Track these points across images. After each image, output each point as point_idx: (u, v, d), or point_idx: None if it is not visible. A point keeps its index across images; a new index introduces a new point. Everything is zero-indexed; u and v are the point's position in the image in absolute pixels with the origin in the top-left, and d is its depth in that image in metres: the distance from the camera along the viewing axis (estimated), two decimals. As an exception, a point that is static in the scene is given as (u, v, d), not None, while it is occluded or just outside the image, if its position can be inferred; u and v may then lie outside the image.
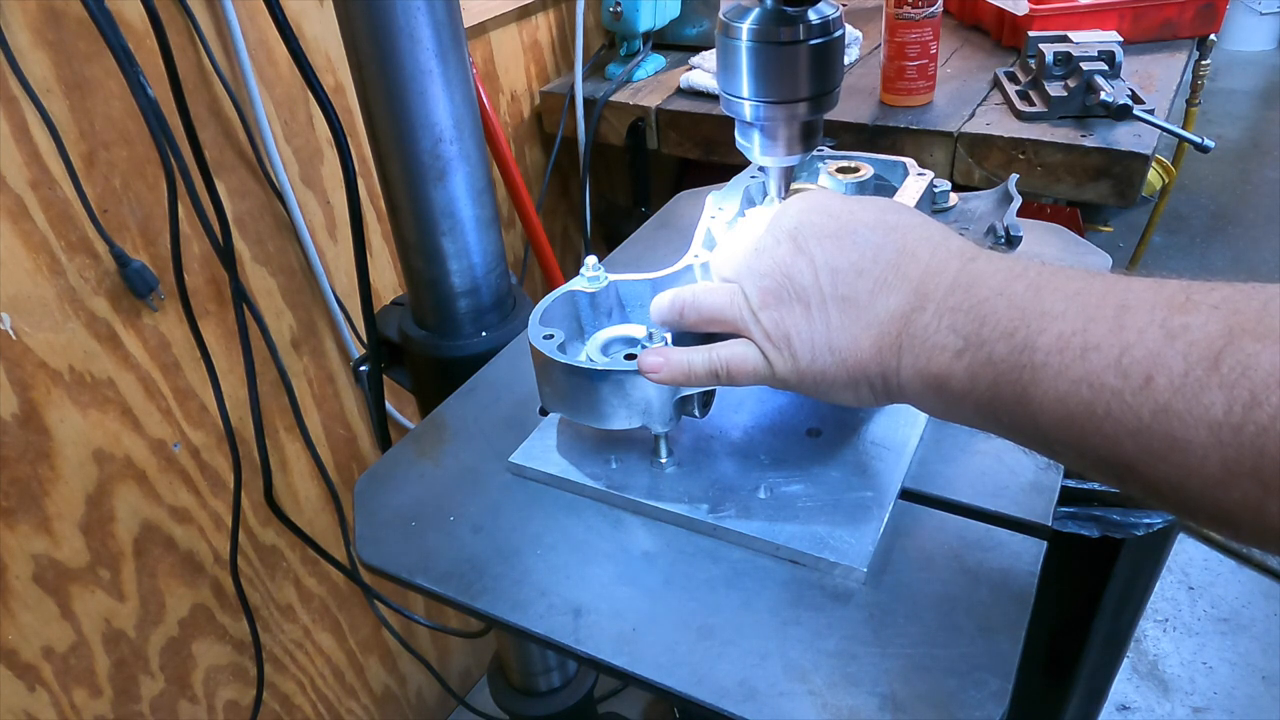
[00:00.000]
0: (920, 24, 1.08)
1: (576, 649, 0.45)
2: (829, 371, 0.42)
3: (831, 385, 0.43)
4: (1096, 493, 0.66)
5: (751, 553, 0.50)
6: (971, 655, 0.43)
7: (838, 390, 0.43)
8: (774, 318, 0.43)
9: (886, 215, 0.44)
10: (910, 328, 0.40)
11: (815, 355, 0.42)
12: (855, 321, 0.41)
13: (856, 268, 0.42)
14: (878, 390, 0.42)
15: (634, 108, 1.30)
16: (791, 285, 0.43)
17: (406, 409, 1.26)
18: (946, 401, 0.39)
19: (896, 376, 0.40)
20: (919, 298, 0.40)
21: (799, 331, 0.43)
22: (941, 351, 0.38)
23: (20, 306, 0.81)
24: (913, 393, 0.41)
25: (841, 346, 0.42)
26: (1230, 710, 1.47)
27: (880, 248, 0.42)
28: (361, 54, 0.68)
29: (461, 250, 0.76)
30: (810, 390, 0.44)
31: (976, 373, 0.37)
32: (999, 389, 0.36)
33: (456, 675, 1.56)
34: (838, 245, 0.43)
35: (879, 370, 0.41)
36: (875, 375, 0.41)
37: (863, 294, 0.41)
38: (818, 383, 0.43)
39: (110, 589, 0.96)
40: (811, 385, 0.43)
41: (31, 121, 0.78)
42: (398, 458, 0.60)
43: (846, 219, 0.44)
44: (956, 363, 0.38)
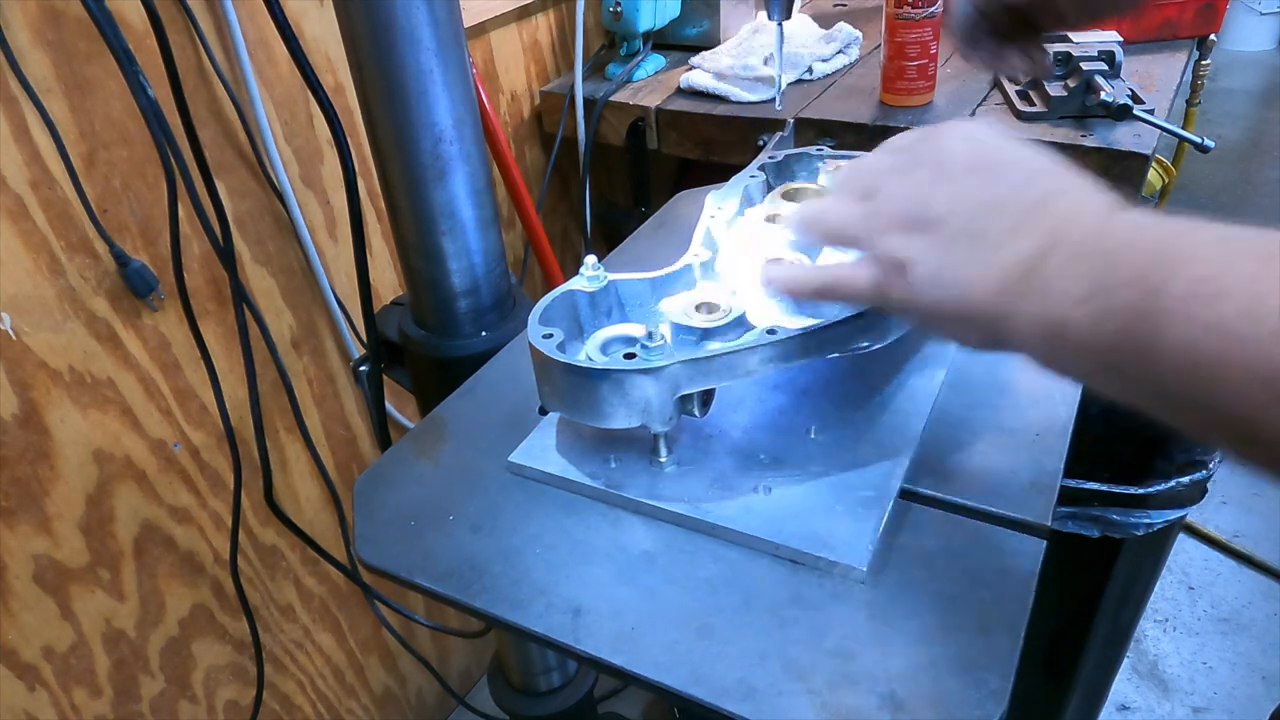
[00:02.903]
0: (920, 24, 1.08)
1: (576, 648, 0.45)
2: (942, 307, 0.41)
3: (940, 320, 0.42)
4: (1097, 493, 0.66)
5: (751, 552, 0.50)
6: (971, 655, 0.43)
7: (945, 326, 0.42)
8: (898, 243, 0.42)
9: (1037, 159, 0.42)
10: (1036, 272, 0.38)
11: (932, 288, 0.41)
12: (980, 260, 0.40)
13: (995, 204, 0.40)
14: (984, 334, 0.41)
15: (634, 108, 1.30)
16: (924, 213, 0.42)
17: (406, 409, 1.26)
18: (1059, 351, 0.38)
19: (1011, 321, 0.39)
20: (1050, 242, 0.38)
21: (922, 261, 0.41)
22: (1064, 298, 0.36)
23: (20, 306, 0.81)
24: (1023, 340, 0.39)
25: (961, 283, 0.40)
26: (1230, 710, 1.47)
27: (1023, 188, 0.40)
28: (361, 54, 0.68)
29: (461, 250, 0.76)
30: (917, 320, 0.43)
31: (1100, 321, 0.35)
32: (1122, 338, 0.34)
33: (456, 675, 1.56)
34: (981, 179, 0.41)
35: (994, 314, 0.39)
36: (989, 318, 0.40)
37: (995, 232, 0.40)
38: (927, 315, 0.42)
39: (110, 589, 0.96)
40: (919, 315, 0.43)
41: (31, 121, 0.78)
42: (397, 457, 0.61)
43: (995, 154, 0.42)
44: (1078, 310, 0.36)
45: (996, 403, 0.60)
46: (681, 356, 0.50)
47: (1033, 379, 0.62)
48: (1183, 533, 1.74)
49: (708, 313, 0.54)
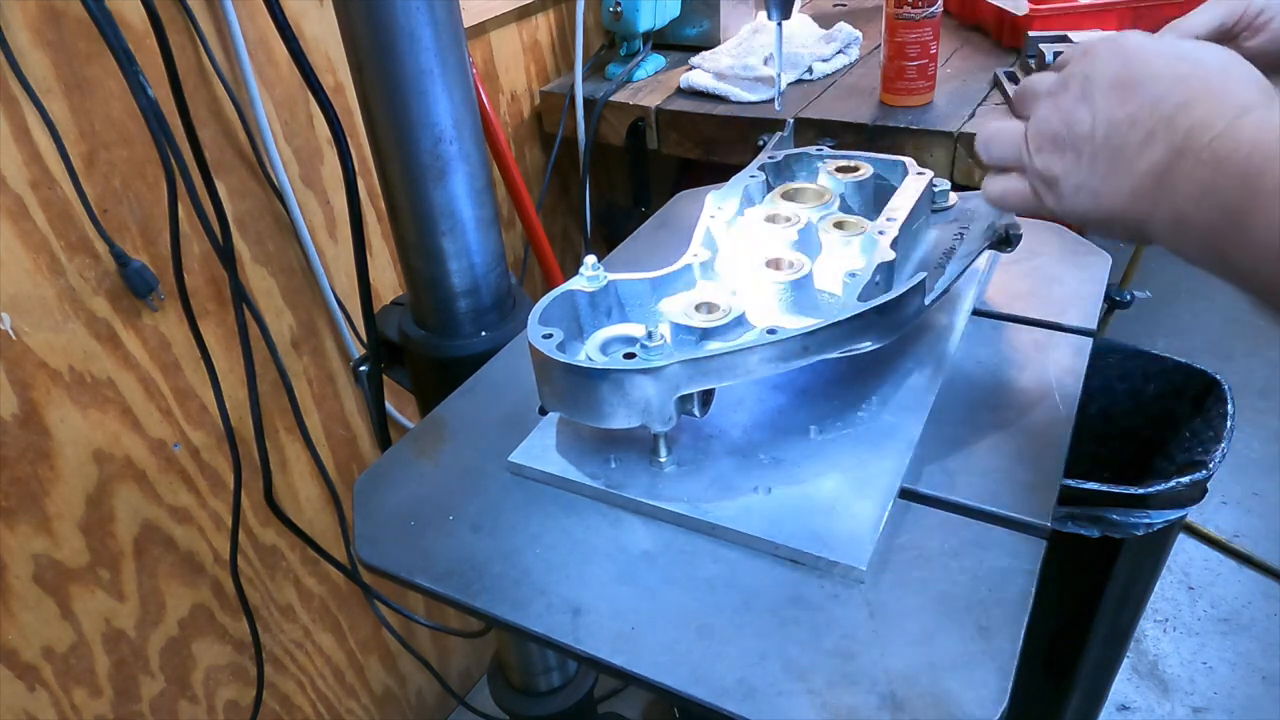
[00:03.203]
0: (920, 24, 1.08)
1: (576, 648, 0.45)
2: (1089, 213, 0.47)
3: (1088, 222, 0.49)
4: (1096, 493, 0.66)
5: (751, 552, 0.50)
6: (971, 655, 0.43)
7: (1093, 225, 0.49)
8: (1046, 161, 0.48)
9: (1181, 64, 0.45)
10: (1165, 179, 0.43)
11: (1077, 198, 0.47)
12: (1117, 172, 0.45)
13: (1132, 119, 0.44)
14: (1130, 231, 0.46)
15: (634, 108, 1.30)
16: (1070, 132, 0.47)
17: (406, 409, 1.26)
18: (1183, 242, 0.43)
19: (1148, 223, 0.44)
20: (1183, 148, 0.42)
21: (1066, 176, 0.47)
22: (1188, 198, 0.41)
23: (20, 306, 0.81)
24: (1163, 238, 0.44)
25: (1101, 193, 0.46)
26: (1230, 710, 1.47)
27: (1161, 100, 0.44)
28: (361, 54, 0.68)
29: (461, 250, 0.76)
30: (1073, 221, 0.50)
31: (1215, 218, 0.40)
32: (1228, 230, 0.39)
33: (456, 675, 1.56)
34: (1121, 95, 0.45)
35: (1132, 216, 0.45)
36: (1129, 220, 0.45)
37: (1131, 145, 0.44)
38: (1078, 219, 0.49)
39: (110, 589, 0.96)
40: (1074, 219, 0.50)
41: (31, 121, 0.78)
42: (397, 457, 0.61)
43: (1140, 66, 0.46)
44: (1198, 207, 0.41)
45: (996, 403, 0.60)
46: (681, 356, 0.50)
47: (1033, 379, 0.62)
48: (1183, 533, 1.74)
49: (707, 313, 0.54)
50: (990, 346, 0.66)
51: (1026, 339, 0.66)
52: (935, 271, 0.64)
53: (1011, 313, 0.69)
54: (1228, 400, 0.74)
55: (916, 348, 0.64)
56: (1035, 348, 0.65)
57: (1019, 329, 0.68)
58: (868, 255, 0.59)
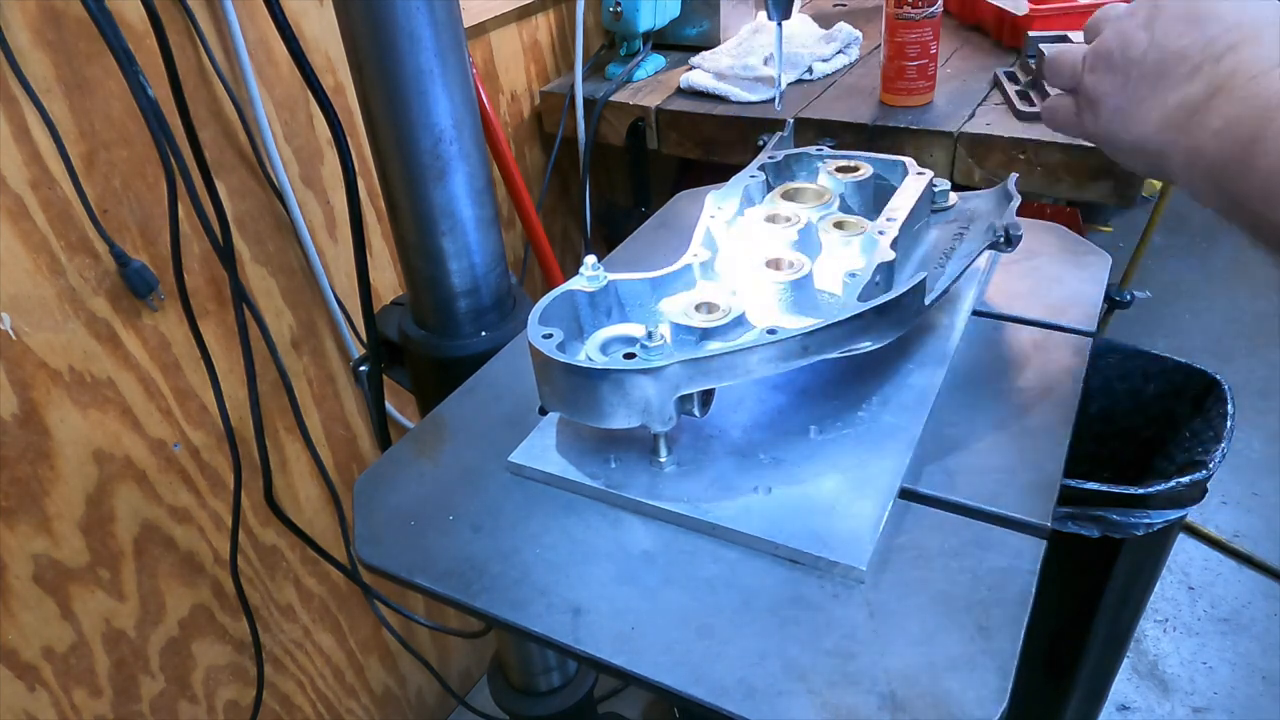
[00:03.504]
0: (920, 24, 1.08)
1: (575, 648, 0.45)
2: (1117, 135, 0.49)
3: (1118, 148, 0.50)
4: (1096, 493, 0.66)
5: (751, 552, 0.50)
6: (971, 655, 0.43)
7: (1120, 151, 0.50)
8: (1095, 81, 0.50)
9: (1244, 13, 0.46)
10: (1193, 116, 0.44)
11: (1113, 120, 0.49)
12: (1155, 100, 0.46)
13: (1183, 52, 0.45)
14: (1152, 164, 0.47)
15: (634, 108, 1.30)
16: (1123, 55, 0.48)
17: (406, 409, 1.26)
18: (1199, 178, 0.44)
19: (1172, 156, 0.45)
20: (1220, 87, 0.43)
21: (1110, 98, 0.49)
22: (1204, 130, 0.42)
23: (20, 306, 0.81)
24: (1180, 173, 0.45)
25: (1134, 117, 0.47)
26: (1230, 710, 1.47)
27: (1215, 40, 0.44)
28: (361, 54, 0.68)
29: (461, 250, 0.76)
30: (1103, 145, 0.51)
31: (1224, 148, 0.41)
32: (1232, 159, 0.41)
33: (456, 675, 1.56)
34: (1181, 27, 0.46)
35: (1154, 145, 0.46)
36: (1151, 148, 0.46)
37: (1175, 76, 0.45)
38: (1108, 142, 0.50)
39: (110, 589, 0.96)
40: (1104, 142, 0.51)
41: (31, 121, 0.78)
42: (397, 457, 0.60)
43: (1206, 5, 0.46)
44: (1213, 140, 0.42)
45: (996, 403, 0.60)
46: (681, 356, 0.50)
47: (1033, 379, 0.62)
48: (1183, 533, 1.74)
49: (707, 313, 0.54)
50: (990, 346, 0.66)
51: (1026, 339, 0.66)
52: (935, 271, 0.64)
53: (1011, 313, 0.69)
54: (1228, 400, 0.74)
55: (916, 348, 0.64)
56: (1035, 348, 0.65)
57: (1019, 329, 0.68)
58: (868, 255, 0.59)
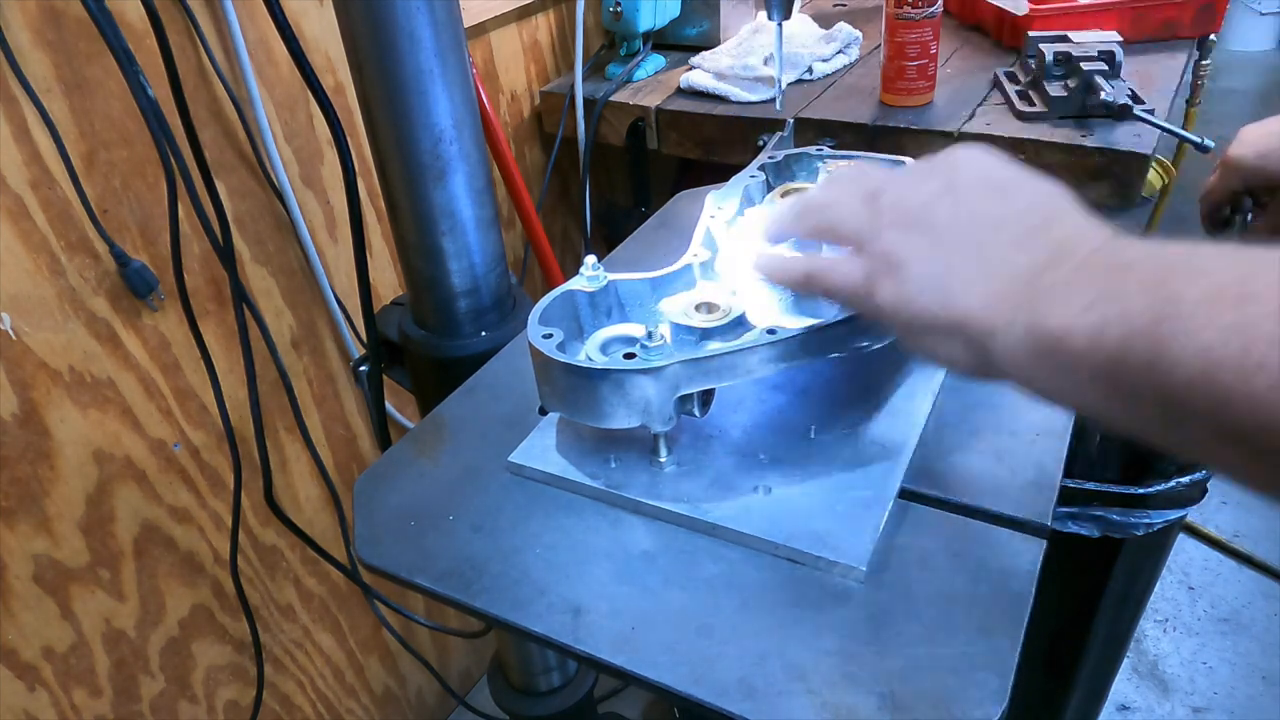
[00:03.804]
0: (920, 24, 1.08)
1: (575, 648, 0.45)
2: (930, 312, 0.40)
3: (927, 329, 0.41)
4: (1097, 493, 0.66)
5: (751, 552, 0.50)
6: (971, 655, 0.43)
7: (931, 338, 0.41)
8: (897, 239, 0.42)
9: (1049, 185, 0.42)
10: (1037, 283, 0.37)
11: (922, 291, 0.40)
12: (977, 270, 0.39)
13: (999, 220, 0.40)
14: (974, 350, 0.39)
15: (634, 108, 1.30)
16: (925, 219, 0.41)
17: (406, 409, 1.26)
18: (1054, 368, 0.36)
19: (1004, 336, 0.37)
20: (1056, 256, 0.37)
21: (916, 261, 0.41)
22: (1067, 306, 0.35)
23: (20, 306, 0.81)
24: (1014, 358, 0.37)
25: (953, 291, 0.39)
26: (1230, 710, 1.47)
27: (1031, 210, 0.40)
28: (361, 54, 0.68)
29: (461, 250, 0.76)
30: (903, 327, 0.42)
31: (1105, 328, 0.33)
32: (1129, 346, 0.32)
33: (456, 675, 1.56)
34: (988, 195, 0.41)
35: (984, 327, 0.38)
36: (977, 332, 0.39)
37: (996, 246, 0.39)
38: (912, 321, 0.41)
39: (110, 589, 0.96)
40: (907, 321, 0.41)
41: (31, 121, 0.78)
42: (397, 457, 0.60)
43: (1007, 176, 0.42)
44: (1082, 317, 0.34)
45: (996, 403, 0.60)
46: (681, 356, 0.50)
47: (1033, 379, 0.62)
48: (1183, 533, 1.74)
49: (707, 313, 0.54)
50: (990, 346, 0.66)
51: (1026, 339, 0.66)
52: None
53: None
54: (1228, 400, 0.74)
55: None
56: (1035, 348, 0.65)
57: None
58: (868, 255, 0.59)
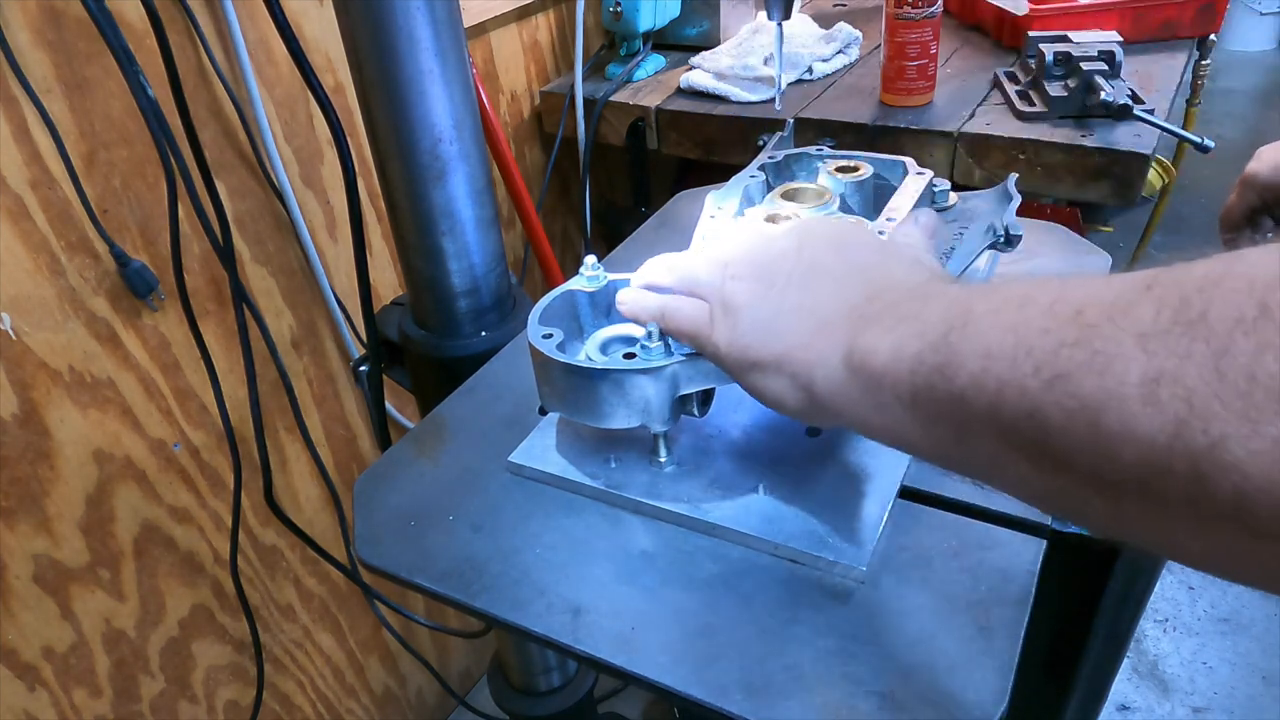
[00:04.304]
0: (920, 24, 1.08)
1: (575, 648, 0.45)
2: (758, 349, 0.43)
3: (755, 365, 0.43)
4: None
5: (750, 552, 0.50)
6: (971, 655, 0.43)
7: (760, 374, 0.43)
8: (737, 289, 0.46)
9: (889, 248, 0.46)
10: (852, 315, 0.41)
11: (752, 330, 0.44)
12: (803, 310, 0.43)
13: (831, 271, 0.44)
14: (800, 386, 0.42)
15: (634, 108, 1.30)
16: (769, 271, 0.46)
17: (406, 409, 1.26)
18: (865, 387, 0.38)
19: (823, 369, 0.40)
20: (873, 294, 0.41)
21: (751, 305, 0.45)
22: (874, 327, 0.38)
23: (20, 306, 0.81)
24: (834, 390, 0.40)
25: (780, 328, 0.43)
26: (1230, 710, 1.47)
27: (864, 265, 0.44)
28: (361, 54, 0.68)
29: (461, 250, 0.76)
30: (735, 365, 0.45)
31: (903, 344, 0.36)
32: (922, 359, 0.35)
33: (456, 675, 1.56)
34: (832, 252, 0.45)
35: (806, 359, 0.41)
36: (801, 364, 0.41)
37: (823, 291, 0.43)
38: (742, 357, 0.44)
39: (110, 589, 0.96)
40: (738, 359, 0.44)
41: (31, 121, 0.78)
42: (397, 457, 0.60)
43: (857, 239, 0.47)
44: (885, 338, 0.37)
45: (996, 403, 0.59)
46: (681, 356, 0.50)
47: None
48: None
49: (708, 313, 0.54)
50: (990, 346, 0.66)
51: (1026, 339, 0.66)
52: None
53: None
54: (1228, 400, 0.74)
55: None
56: (1035, 348, 0.65)
57: (1019, 329, 0.67)
58: (868, 255, 0.59)
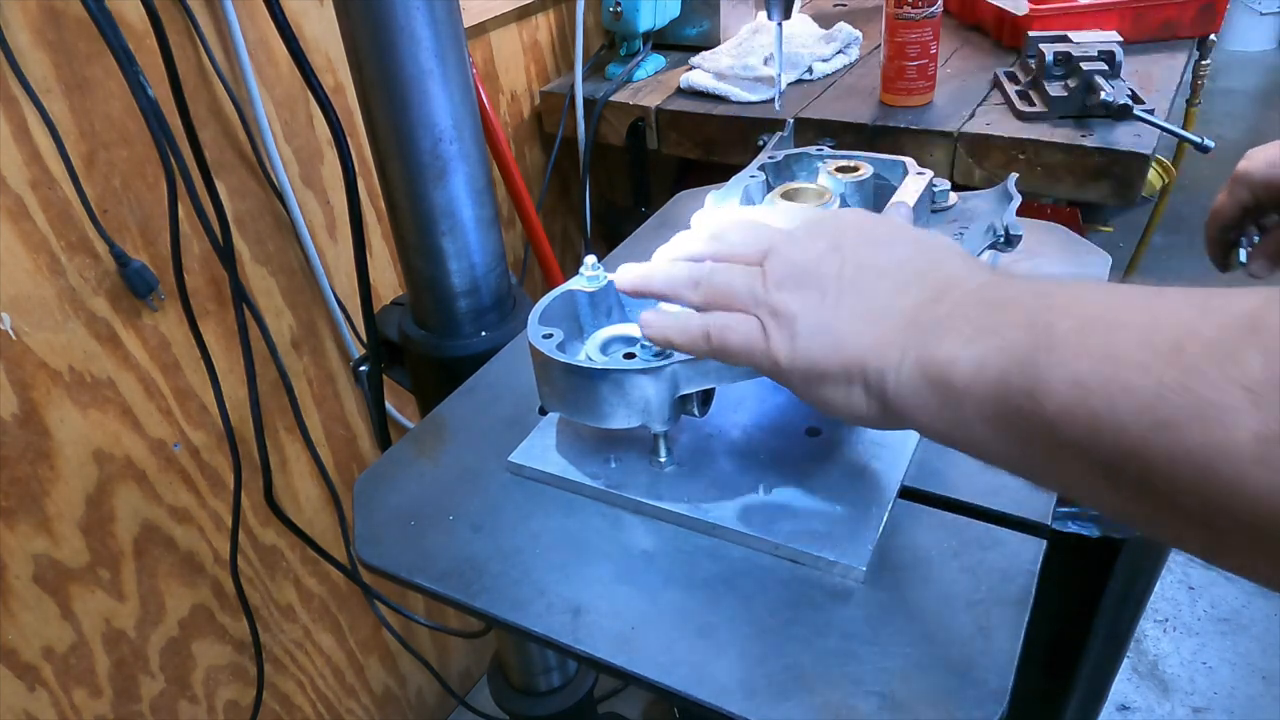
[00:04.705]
0: (920, 24, 1.08)
1: (575, 648, 0.45)
2: (824, 359, 0.41)
3: (823, 376, 0.42)
4: (1096, 492, 0.66)
5: (750, 552, 0.50)
6: (971, 655, 0.43)
7: (829, 385, 0.42)
8: (786, 298, 0.43)
9: (930, 239, 0.44)
10: (920, 318, 0.39)
11: (814, 339, 0.42)
12: (863, 314, 0.41)
13: (882, 270, 0.42)
14: (872, 394, 0.40)
15: (634, 108, 1.30)
16: (814, 274, 0.43)
17: (406, 409, 1.26)
18: (944, 402, 0.37)
19: (896, 373, 0.39)
20: (936, 295, 0.40)
21: (806, 313, 0.42)
22: (951, 338, 0.37)
23: (20, 306, 0.81)
24: (909, 396, 0.38)
25: (843, 334, 0.41)
26: (1230, 710, 1.47)
27: (912, 258, 0.43)
28: (361, 54, 0.68)
29: (461, 250, 0.76)
30: (800, 379, 0.43)
31: (985, 360, 0.34)
32: (1008, 379, 0.33)
33: (456, 675, 1.56)
34: (873, 249, 0.44)
35: (877, 365, 0.39)
36: (872, 371, 0.40)
37: (880, 293, 0.42)
38: (809, 369, 0.42)
39: (110, 589, 0.96)
40: (803, 371, 0.42)
41: (31, 121, 0.78)
42: (397, 457, 0.60)
43: (889, 232, 0.45)
44: (965, 350, 0.36)
45: (996, 403, 0.59)
46: (681, 356, 0.50)
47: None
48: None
49: (708, 313, 0.54)
50: (990, 346, 0.66)
51: (1026, 339, 0.66)
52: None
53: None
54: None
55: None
56: (1035, 348, 0.65)
57: (1019, 329, 0.67)
58: (868, 255, 0.59)
